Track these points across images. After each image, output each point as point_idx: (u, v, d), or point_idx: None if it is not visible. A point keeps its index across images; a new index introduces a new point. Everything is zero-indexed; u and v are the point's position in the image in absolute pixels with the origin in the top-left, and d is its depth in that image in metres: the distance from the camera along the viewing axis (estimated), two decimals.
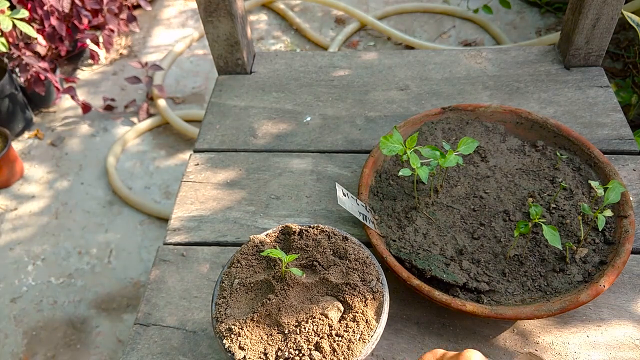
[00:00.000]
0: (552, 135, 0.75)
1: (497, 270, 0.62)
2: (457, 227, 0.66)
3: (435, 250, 0.64)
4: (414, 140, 0.63)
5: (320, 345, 0.44)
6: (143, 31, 2.34)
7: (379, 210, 0.68)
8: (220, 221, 0.74)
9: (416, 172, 0.63)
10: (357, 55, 0.98)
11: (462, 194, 0.70)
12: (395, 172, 0.72)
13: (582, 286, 0.59)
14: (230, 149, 0.84)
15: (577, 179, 0.71)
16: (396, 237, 0.64)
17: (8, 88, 1.80)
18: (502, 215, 0.68)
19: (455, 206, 0.69)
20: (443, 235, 0.65)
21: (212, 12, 0.86)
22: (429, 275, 0.59)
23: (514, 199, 0.69)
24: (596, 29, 0.84)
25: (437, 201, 0.69)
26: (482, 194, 0.70)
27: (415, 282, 0.58)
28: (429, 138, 0.75)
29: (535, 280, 0.62)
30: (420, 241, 0.64)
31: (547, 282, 0.61)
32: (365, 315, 0.46)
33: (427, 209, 0.68)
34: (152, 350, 0.62)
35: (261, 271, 0.50)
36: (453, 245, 0.64)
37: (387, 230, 0.65)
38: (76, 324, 1.50)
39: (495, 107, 0.77)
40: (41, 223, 1.72)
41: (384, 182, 0.71)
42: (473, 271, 0.61)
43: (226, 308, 0.47)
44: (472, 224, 0.67)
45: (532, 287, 0.61)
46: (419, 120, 0.76)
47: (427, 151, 0.64)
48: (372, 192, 0.70)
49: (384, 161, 0.73)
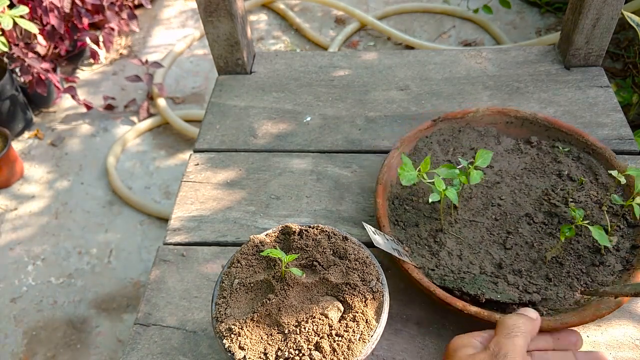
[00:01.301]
0: (544, 129, 0.75)
1: (540, 276, 0.61)
2: (486, 240, 0.65)
3: (475, 270, 0.61)
4: (427, 164, 0.61)
5: (320, 345, 0.44)
6: (143, 31, 2.34)
7: (405, 240, 0.65)
8: (220, 221, 0.74)
9: (442, 195, 0.60)
10: (357, 55, 0.98)
11: (480, 205, 0.68)
12: (406, 196, 0.70)
13: (625, 275, 0.59)
14: (230, 149, 0.84)
15: (581, 168, 0.71)
16: (433, 266, 0.62)
17: (8, 88, 1.80)
18: (525, 219, 0.67)
19: (477, 219, 0.67)
20: (476, 252, 0.64)
21: (212, 12, 0.86)
22: (483, 300, 0.57)
23: (530, 200, 0.69)
24: (596, 29, 0.84)
25: (459, 218, 0.67)
26: (499, 202, 0.69)
27: (472, 309, 0.56)
28: (428, 153, 0.74)
29: (579, 278, 0.61)
30: (458, 264, 0.62)
31: (591, 278, 0.60)
32: (365, 315, 0.46)
33: (452, 228, 0.66)
34: (152, 350, 0.62)
35: (261, 271, 0.50)
36: (490, 261, 0.63)
37: (422, 260, 0.62)
38: (76, 324, 1.50)
39: (484, 110, 0.76)
40: (41, 223, 1.72)
41: (400, 209, 0.68)
42: (520, 284, 0.60)
43: (226, 308, 0.47)
44: (499, 234, 0.65)
45: (579, 287, 0.60)
46: (414, 137, 0.74)
47: (443, 171, 0.62)
48: (391, 222, 0.67)
49: (392, 186, 0.70)
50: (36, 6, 1.71)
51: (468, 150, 0.74)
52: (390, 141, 0.82)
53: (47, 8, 1.70)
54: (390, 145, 0.82)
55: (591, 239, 0.64)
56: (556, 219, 0.66)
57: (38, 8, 1.71)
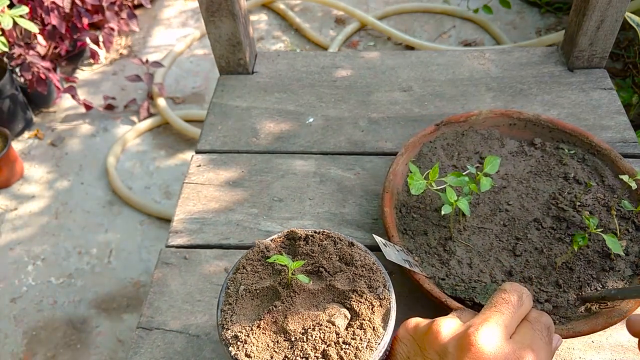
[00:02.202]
0: (548, 131, 0.74)
1: (550, 283, 0.61)
2: (495, 247, 0.64)
3: (486, 278, 0.61)
4: (435, 172, 0.60)
5: (328, 353, 0.43)
6: (143, 31, 2.33)
7: (415, 250, 0.64)
8: (222, 223, 0.74)
9: (453, 206, 0.60)
10: (359, 56, 0.97)
11: (488, 211, 0.68)
12: (413, 203, 0.69)
13: (636, 280, 0.59)
14: (232, 150, 0.84)
15: (587, 170, 0.71)
16: (443, 275, 0.61)
17: (8, 88, 1.79)
18: (534, 224, 0.66)
19: (486, 226, 0.66)
20: (486, 260, 0.63)
21: (214, 12, 0.85)
22: None
23: (538, 204, 0.68)
24: (600, 30, 0.83)
25: (468, 225, 0.66)
26: (506, 207, 0.68)
27: None
28: (433, 159, 0.73)
29: (590, 284, 0.60)
30: (468, 273, 0.61)
31: (601, 283, 0.60)
32: (372, 322, 0.46)
33: (460, 235, 0.65)
34: (155, 354, 0.62)
35: (267, 277, 0.49)
36: (500, 268, 0.62)
37: (432, 269, 0.62)
38: (76, 324, 1.49)
39: (487, 112, 0.76)
40: (41, 223, 1.72)
41: (408, 217, 0.68)
42: (531, 291, 0.59)
43: (232, 315, 0.47)
44: (508, 240, 0.65)
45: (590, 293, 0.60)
46: (418, 142, 0.74)
47: (452, 179, 0.61)
48: (400, 232, 0.66)
49: (398, 193, 0.69)
50: (36, 6, 1.71)
51: (473, 154, 0.74)
52: (393, 143, 0.82)
53: (49, 7, 1.70)
54: (393, 147, 0.81)
55: (600, 244, 0.63)
56: (564, 223, 0.65)
57: (38, 8, 1.70)
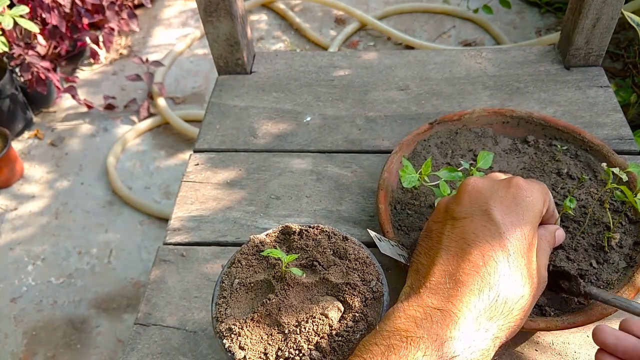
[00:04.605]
0: (540, 128, 0.75)
1: None
2: None
3: None
4: (428, 167, 0.61)
5: (321, 345, 0.44)
6: (143, 31, 2.34)
7: (410, 246, 0.64)
8: (220, 221, 0.74)
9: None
10: (357, 55, 0.98)
11: None
12: (408, 200, 0.69)
13: (630, 272, 0.60)
14: (230, 149, 0.84)
15: (579, 165, 0.71)
16: None
17: (8, 88, 1.80)
18: None
19: None
20: None
21: (212, 12, 0.86)
22: None
23: None
24: (596, 29, 0.84)
25: None
26: None
27: None
28: (427, 156, 0.74)
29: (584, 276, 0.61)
30: None
31: (596, 276, 0.61)
32: (365, 315, 0.46)
33: None
34: (152, 350, 0.62)
35: (261, 271, 0.50)
36: None
37: None
38: (76, 324, 1.50)
39: (480, 111, 0.76)
40: (41, 223, 1.72)
41: (402, 214, 0.68)
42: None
43: (226, 308, 0.47)
44: None
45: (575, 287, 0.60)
46: (412, 141, 0.74)
47: (445, 173, 0.62)
48: (394, 227, 0.66)
49: (393, 191, 0.70)
50: (36, 6, 1.71)
51: (466, 152, 0.75)
52: (390, 141, 0.82)
53: (49, 6, 1.71)
54: (390, 145, 0.82)
55: (594, 237, 0.64)
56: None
57: (38, 8, 1.71)
